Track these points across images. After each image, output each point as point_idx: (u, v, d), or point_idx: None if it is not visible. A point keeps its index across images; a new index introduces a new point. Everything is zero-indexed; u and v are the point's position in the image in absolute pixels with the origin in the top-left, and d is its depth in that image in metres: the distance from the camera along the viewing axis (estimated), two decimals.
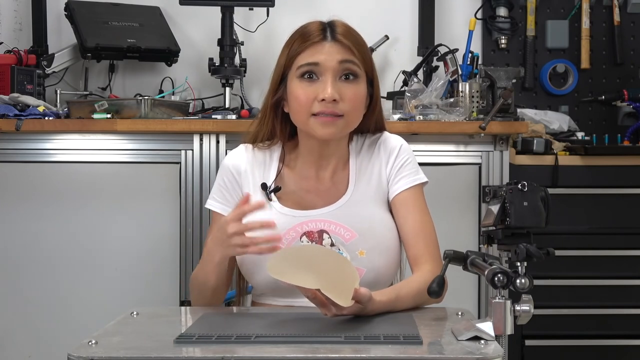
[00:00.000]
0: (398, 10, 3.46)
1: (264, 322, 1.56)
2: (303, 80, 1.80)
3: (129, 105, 2.82)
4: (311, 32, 1.81)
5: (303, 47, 1.80)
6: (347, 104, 1.79)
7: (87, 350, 1.30)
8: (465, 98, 2.95)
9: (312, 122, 1.80)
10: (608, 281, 2.97)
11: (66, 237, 2.80)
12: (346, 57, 1.79)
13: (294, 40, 1.83)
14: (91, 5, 3.24)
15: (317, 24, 1.83)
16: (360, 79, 1.82)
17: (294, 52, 1.81)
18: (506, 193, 1.44)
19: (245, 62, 3.23)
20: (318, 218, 1.83)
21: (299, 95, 1.79)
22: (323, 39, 1.80)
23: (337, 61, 1.79)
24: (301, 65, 1.80)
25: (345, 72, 1.80)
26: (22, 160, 2.81)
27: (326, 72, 1.78)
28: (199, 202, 2.78)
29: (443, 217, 2.38)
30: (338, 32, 1.81)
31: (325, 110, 1.78)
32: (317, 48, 1.80)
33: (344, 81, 1.80)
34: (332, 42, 1.80)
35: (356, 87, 1.81)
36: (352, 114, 1.82)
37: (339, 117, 1.79)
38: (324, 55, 1.79)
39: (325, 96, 1.77)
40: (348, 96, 1.79)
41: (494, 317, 1.38)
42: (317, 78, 1.79)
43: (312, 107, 1.79)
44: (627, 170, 2.97)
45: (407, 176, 1.89)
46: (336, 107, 1.78)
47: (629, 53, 3.50)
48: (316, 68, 1.79)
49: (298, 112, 1.82)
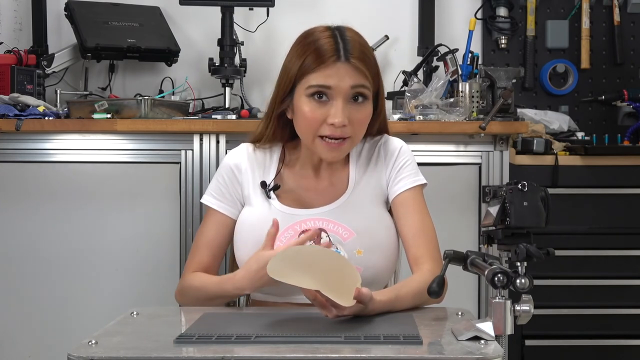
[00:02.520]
0: (398, 10, 3.46)
1: (264, 322, 1.56)
2: (312, 100, 1.79)
3: (129, 105, 2.82)
4: (325, 51, 1.77)
5: (316, 66, 1.77)
6: (355, 127, 1.80)
7: (87, 350, 1.30)
8: (465, 98, 2.95)
9: (318, 143, 1.80)
10: (608, 281, 2.96)
11: (66, 237, 2.80)
12: (358, 82, 1.78)
13: (306, 54, 1.79)
14: (91, 5, 3.24)
15: (330, 41, 1.79)
16: (368, 100, 1.82)
17: (306, 68, 1.78)
18: (506, 193, 1.45)
19: (245, 62, 3.23)
20: (316, 217, 1.83)
21: (307, 115, 1.79)
22: (337, 60, 1.77)
23: (350, 86, 1.78)
24: (312, 85, 1.78)
25: (355, 95, 1.80)
26: (22, 160, 2.81)
27: (338, 97, 1.77)
28: (198, 202, 2.78)
29: (443, 217, 2.38)
30: (351, 52, 1.78)
31: (334, 134, 1.78)
32: (330, 71, 1.77)
33: (353, 103, 1.79)
34: (346, 64, 1.77)
35: (365, 109, 1.82)
36: (358, 135, 1.83)
37: (345, 139, 1.80)
38: (336, 79, 1.77)
39: (335, 122, 1.76)
40: (356, 119, 1.80)
41: (494, 317, 1.38)
42: (327, 99, 1.78)
43: (320, 129, 1.78)
44: (627, 170, 2.97)
45: (406, 177, 1.89)
46: (344, 131, 1.78)
47: (629, 53, 3.50)
48: (328, 91, 1.78)
49: (304, 130, 1.82)
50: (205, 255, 1.90)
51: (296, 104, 1.81)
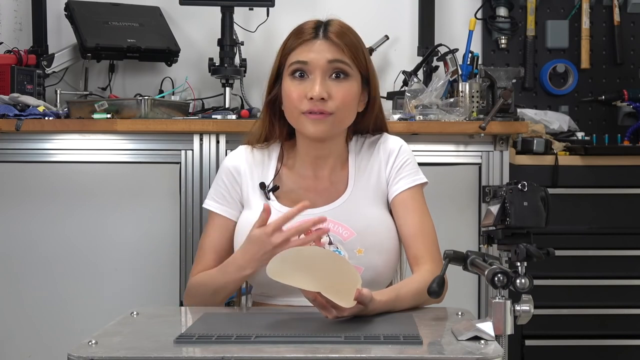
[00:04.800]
0: (398, 10, 3.46)
1: (264, 322, 1.56)
2: (294, 79, 1.82)
3: (129, 105, 2.82)
4: (304, 30, 1.83)
5: (295, 44, 1.83)
6: (335, 102, 1.80)
7: (87, 350, 1.30)
8: (465, 98, 2.95)
9: (303, 119, 1.82)
10: (608, 281, 2.96)
11: (66, 237, 2.80)
12: (336, 57, 1.81)
13: (288, 38, 1.85)
14: (91, 5, 3.24)
15: (312, 23, 1.85)
16: (351, 78, 1.83)
17: (287, 49, 1.84)
18: (506, 193, 1.44)
19: (245, 62, 3.23)
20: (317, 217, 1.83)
21: (290, 93, 1.82)
22: (315, 37, 1.82)
23: (327, 60, 1.80)
24: (292, 62, 1.82)
25: (335, 71, 1.82)
26: (22, 160, 2.81)
27: (315, 71, 1.80)
28: (199, 203, 2.78)
29: (443, 217, 2.38)
30: (330, 30, 1.83)
31: (314, 109, 1.80)
32: (308, 46, 1.82)
33: (334, 79, 1.81)
34: (323, 41, 1.82)
35: (346, 86, 1.82)
36: (341, 112, 1.82)
37: (328, 115, 1.80)
38: (314, 53, 1.81)
39: (313, 94, 1.78)
40: (337, 95, 1.80)
41: (494, 317, 1.38)
42: (307, 76, 1.81)
43: (302, 105, 1.80)
44: (627, 170, 2.97)
45: (406, 177, 1.89)
46: (324, 106, 1.79)
47: (629, 53, 3.50)
48: (306, 67, 1.81)
49: (290, 109, 1.84)
50: (211, 259, 1.90)
51: (283, 89, 1.85)
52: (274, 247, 1.68)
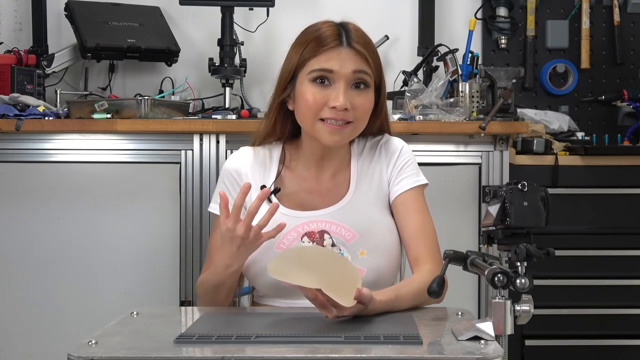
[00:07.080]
0: (398, 10, 3.46)
1: (264, 322, 1.56)
2: (315, 84, 1.79)
3: (129, 105, 2.82)
4: (327, 37, 1.79)
5: (318, 51, 1.79)
6: (356, 112, 1.80)
7: (87, 350, 1.30)
8: (465, 98, 2.95)
9: (320, 127, 1.80)
10: (608, 281, 2.96)
11: (66, 237, 2.80)
12: (360, 67, 1.80)
13: (307, 42, 1.81)
14: (91, 5, 3.24)
15: (333, 28, 1.81)
16: (370, 88, 1.83)
17: (308, 53, 1.80)
18: (506, 193, 1.44)
19: (245, 62, 3.23)
20: (319, 218, 1.83)
21: (309, 99, 1.79)
22: (339, 45, 1.79)
23: (352, 70, 1.79)
24: (314, 69, 1.79)
25: (357, 81, 1.80)
26: (22, 160, 2.81)
27: (339, 80, 1.78)
28: (199, 203, 2.78)
29: (443, 217, 2.38)
30: (354, 38, 1.80)
31: (336, 117, 1.78)
32: (332, 54, 1.79)
33: (354, 89, 1.80)
34: (348, 49, 1.79)
35: (366, 96, 1.82)
36: (360, 122, 1.83)
37: (347, 124, 1.80)
38: (339, 62, 1.78)
39: (337, 104, 1.77)
40: (358, 105, 1.80)
41: (494, 317, 1.38)
42: (329, 84, 1.79)
43: (322, 112, 1.79)
44: (627, 170, 2.97)
45: (407, 178, 1.89)
46: (346, 115, 1.79)
47: (629, 53, 3.50)
48: (330, 75, 1.79)
49: (305, 114, 1.81)
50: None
51: (298, 91, 1.82)
52: (242, 239, 1.66)
